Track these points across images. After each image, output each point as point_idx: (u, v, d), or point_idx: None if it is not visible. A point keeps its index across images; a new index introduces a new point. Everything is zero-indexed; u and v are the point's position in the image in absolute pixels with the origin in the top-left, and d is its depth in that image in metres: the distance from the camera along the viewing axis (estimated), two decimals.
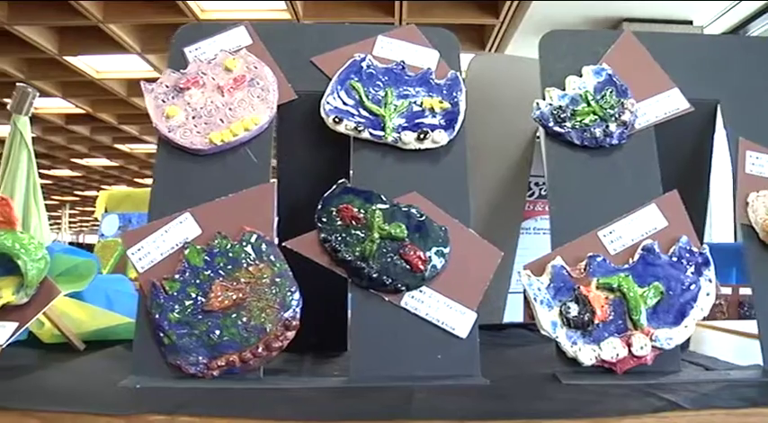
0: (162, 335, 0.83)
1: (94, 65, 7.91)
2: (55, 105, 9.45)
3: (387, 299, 0.88)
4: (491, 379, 0.84)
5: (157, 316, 0.83)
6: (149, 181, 0.95)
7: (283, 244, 0.88)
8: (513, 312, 1.40)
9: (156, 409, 0.69)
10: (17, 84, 3.09)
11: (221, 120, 0.93)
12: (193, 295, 0.84)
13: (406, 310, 0.88)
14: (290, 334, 0.84)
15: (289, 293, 0.85)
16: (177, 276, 0.84)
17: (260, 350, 0.82)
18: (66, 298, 0.95)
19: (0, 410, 0.71)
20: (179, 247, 0.86)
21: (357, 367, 0.86)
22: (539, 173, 1.36)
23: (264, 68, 0.97)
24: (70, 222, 22.77)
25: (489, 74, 1.32)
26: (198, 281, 0.84)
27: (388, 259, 0.88)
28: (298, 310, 0.85)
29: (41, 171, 3.68)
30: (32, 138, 3.72)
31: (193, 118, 0.93)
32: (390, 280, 0.87)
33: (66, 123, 10.61)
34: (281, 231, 0.90)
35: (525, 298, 0.92)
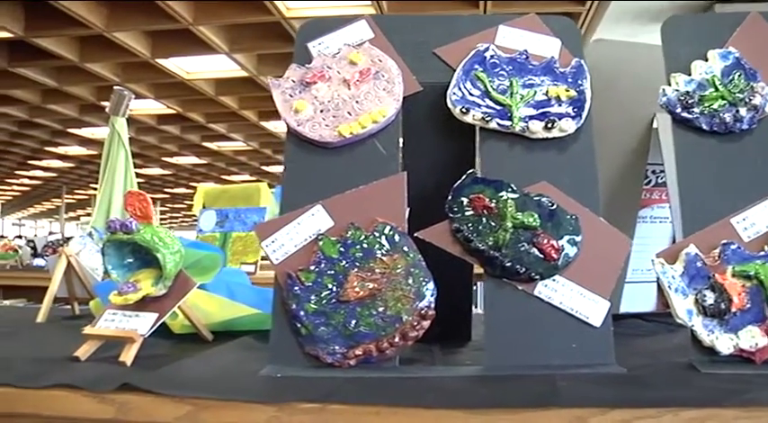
0: (299, 325, 0.84)
1: (184, 66, 8.12)
2: (147, 106, 9.76)
3: (520, 288, 0.88)
4: (626, 367, 0.83)
5: (294, 306, 0.84)
6: (236, 178, 0.97)
7: (415, 235, 0.88)
8: (631, 303, 1.38)
9: (306, 398, 0.70)
10: (114, 87, 3.21)
11: (349, 113, 0.93)
12: (329, 286, 0.85)
13: (539, 298, 0.87)
14: (426, 323, 0.84)
15: (423, 283, 0.85)
16: (312, 267, 0.86)
17: (396, 340, 0.83)
18: (196, 290, 0.97)
19: (154, 396, 0.73)
20: (312, 238, 0.88)
21: (492, 356, 0.86)
22: (656, 161, 1.32)
23: (389, 61, 0.98)
24: (161, 219, 23.44)
25: (605, 60, 1.29)
26: (333, 271, 0.85)
27: (521, 248, 0.87)
28: (432, 299, 0.85)
29: (135, 170, 3.81)
30: (128, 138, 3.87)
31: (321, 111, 0.94)
32: (524, 269, 0.87)
33: (158, 123, 10.95)
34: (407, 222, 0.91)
35: (659, 286, 0.89)
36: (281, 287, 0.86)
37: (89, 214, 24.94)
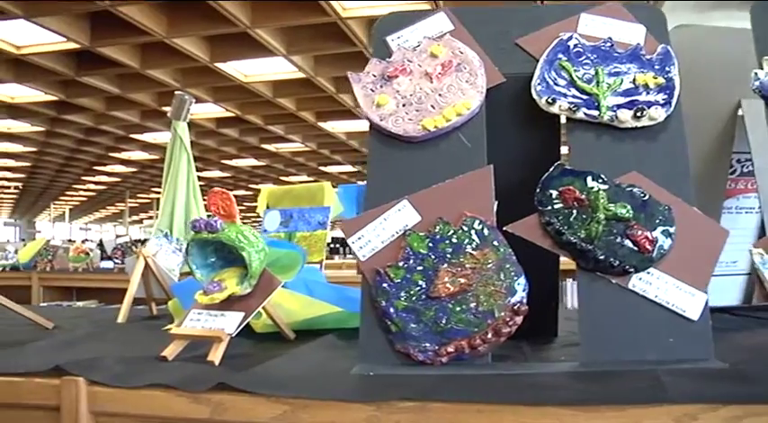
0: (389, 322, 0.83)
1: (242, 69, 8.21)
2: (207, 110, 9.91)
3: (614, 281, 0.85)
4: (726, 363, 0.80)
5: (383, 303, 0.83)
6: (294, 178, 0.97)
7: (503, 228, 0.86)
8: (715, 297, 1.33)
9: (404, 396, 0.69)
10: (175, 92, 3.24)
11: (432, 106, 0.92)
12: (419, 282, 0.83)
13: (633, 292, 0.85)
14: (519, 319, 0.82)
15: (515, 278, 0.83)
16: (401, 263, 0.84)
17: (489, 336, 0.81)
18: (279, 288, 0.97)
19: (250, 396, 0.73)
20: (399, 234, 0.86)
21: (587, 352, 0.83)
22: (741, 149, 1.28)
23: (470, 53, 0.96)
24: None
25: (686, 47, 1.25)
26: (422, 267, 0.84)
27: (615, 240, 0.85)
28: (524, 294, 0.83)
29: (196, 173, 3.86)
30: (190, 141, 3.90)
31: (404, 106, 0.93)
32: (617, 262, 0.84)
33: (217, 127, 11.10)
34: None
35: (758, 277, 0.86)
36: (370, 284, 0.85)
37: (151, 217, 25.45)
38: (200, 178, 3.81)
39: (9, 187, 20.21)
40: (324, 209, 3.65)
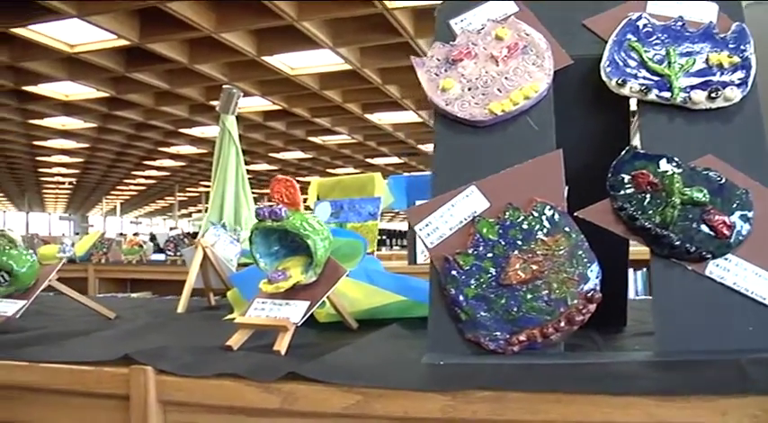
0: (458, 310, 0.81)
1: (289, 62, 8.25)
2: (254, 104, 9.98)
3: (690, 268, 0.82)
4: None
5: (453, 291, 0.81)
6: (341, 171, 0.95)
7: (574, 214, 0.84)
8: None
9: (479, 385, 0.67)
10: (223, 86, 3.26)
11: (499, 90, 0.90)
12: (489, 269, 0.82)
13: (711, 279, 0.81)
14: (592, 307, 0.80)
15: (588, 265, 0.81)
16: (470, 250, 0.82)
17: (562, 324, 0.79)
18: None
19: (322, 386, 0.72)
20: (468, 220, 0.84)
21: (662, 341, 0.80)
22: None
23: (536, 35, 0.93)
24: None
25: (759, 25, 1.21)
26: (492, 254, 0.82)
27: (691, 226, 0.81)
28: (597, 281, 0.81)
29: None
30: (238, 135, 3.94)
31: (469, 90, 0.91)
32: (694, 247, 0.81)
33: (264, 120, 11.18)
34: None
35: None
36: (438, 271, 0.83)
37: (200, 211, 25.78)
38: (247, 171, 3.84)
39: (64, 183, 20.68)
40: (374, 199, 3.64)
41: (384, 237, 8.77)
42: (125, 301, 1.92)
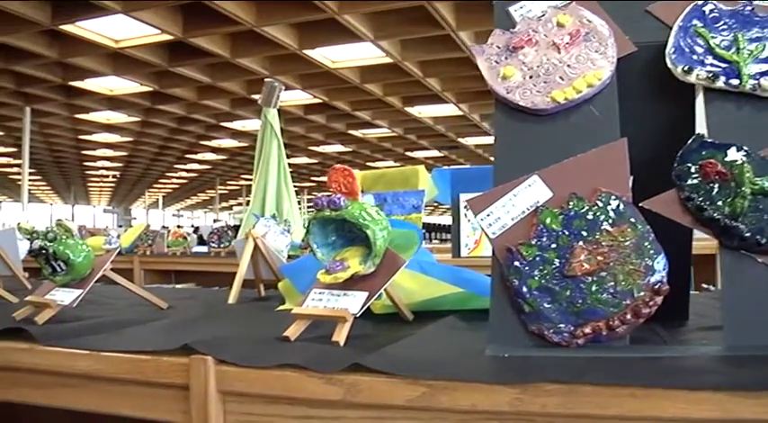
0: (521, 302, 0.79)
1: (330, 56, 8.26)
2: (295, 97, 10.03)
3: (760, 260, 0.79)
4: None
5: (516, 282, 0.80)
6: (381, 164, 0.94)
7: (639, 204, 0.82)
8: None
9: (551, 378, 0.65)
10: (264, 79, 3.27)
11: (561, 77, 0.88)
12: (553, 260, 0.80)
13: None
14: (659, 300, 0.77)
15: (654, 256, 0.79)
16: (534, 241, 0.81)
17: (628, 317, 0.77)
18: None
19: (386, 377, 0.71)
20: (530, 210, 0.83)
21: (731, 335, 0.77)
22: None
23: (598, 21, 0.91)
24: (308, 207, 24.20)
25: None
26: (556, 245, 0.80)
27: (762, 216, 0.79)
28: (664, 273, 0.78)
29: None
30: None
31: (531, 77, 0.89)
32: (765, 239, 0.78)
33: (305, 113, 11.23)
34: None
35: None
36: (501, 262, 0.82)
37: (240, 204, 26.04)
38: (289, 165, 3.85)
39: (108, 176, 21.02)
40: (418, 192, 3.63)
41: (423, 231, 8.77)
42: (174, 292, 1.94)
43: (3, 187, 24.45)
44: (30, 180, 11.14)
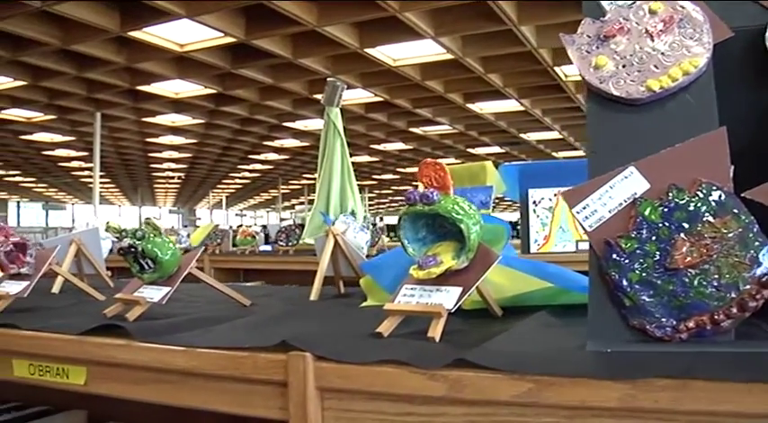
0: (622, 296, 0.78)
1: (391, 53, 8.27)
2: (356, 96, 10.06)
3: None
4: None
5: (616, 276, 0.78)
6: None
7: (742, 194, 0.79)
8: None
9: (662, 374, 0.64)
10: (327, 79, 3.28)
11: (655, 66, 0.86)
12: (653, 252, 0.78)
13: None
14: (767, 293, 0.75)
15: (759, 248, 0.76)
16: (633, 233, 0.79)
17: (734, 311, 0.74)
18: None
19: (491, 373, 0.70)
20: (628, 202, 0.81)
21: None
22: None
23: (691, 7, 0.88)
24: (369, 205, 24.31)
25: None
26: (656, 237, 0.78)
27: None
28: None
29: None
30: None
31: (624, 67, 0.87)
32: None
33: (366, 112, 11.26)
34: None
35: None
36: (599, 256, 0.80)
37: (302, 203, 26.26)
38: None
39: (173, 177, 21.46)
40: (486, 188, 3.61)
41: None
42: (252, 290, 1.96)
43: (75, 190, 25.20)
44: (100, 182, 11.44)
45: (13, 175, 21.16)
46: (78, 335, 1.03)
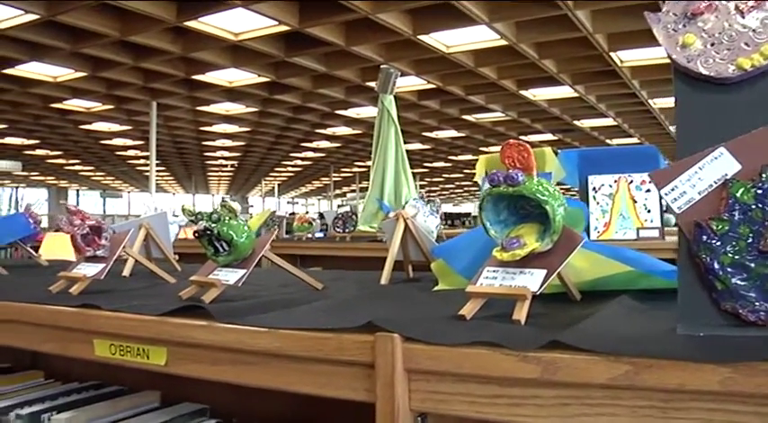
0: (713, 279, 0.76)
1: (444, 40, 8.22)
2: (409, 83, 10.03)
3: None
4: None
5: (707, 259, 0.77)
6: (494, 149, 0.90)
7: None
8: None
9: (759, 358, 0.62)
10: (381, 66, 3.27)
11: (746, 44, 0.83)
12: (746, 235, 0.76)
13: None
14: None
15: None
16: (724, 215, 0.77)
17: None
18: None
19: (586, 355, 0.69)
20: (718, 184, 0.79)
21: None
22: None
23: None
24: (425, 192, 24.29)
25: None
26: (749, 219, 0.77)
27: None
28: None
29: None
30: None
31: (712, 45, 0.85)
32: None
33: (419, 99, 11.23)
34: None
35: None
36: (689, 238, 0.79)
37: (354, 190, 26.35)
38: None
39: (226, 166, 21.74)
40: (545, 175, 3.56)
41: None
42: (319, 274, 1.98)
43: (131, 178, 25.70)
44: (155, 171, 11.66)
45: (73, 164, 21.69)
46: (159, 316, 1.05)
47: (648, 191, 3.11)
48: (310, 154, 19.32)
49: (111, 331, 1.10)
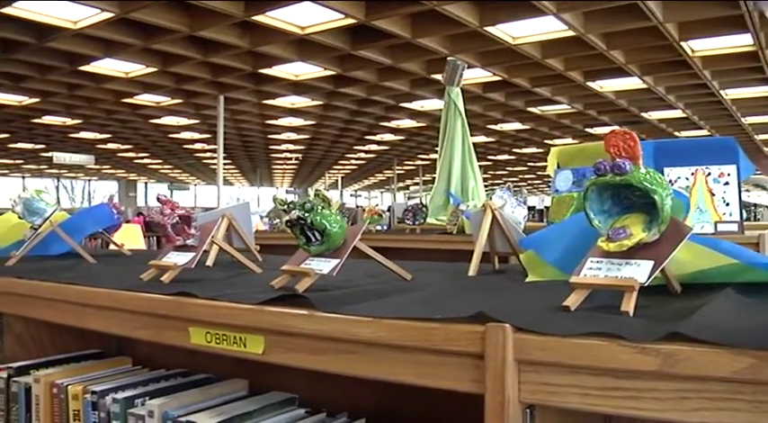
0: None
1: (510, 32, 8.15)
2: (474, 75, 9.99)
3: None
4: None
5: None
6: (558, 141, 0.87)
7: None
8: None
9: None
10: (447, 58, 3.24)
11: None
12: None
13: None
14: None
15: None
16: None
17: None
18: None
19: (708, 348, 0.67)
20: None
21: None
22: None
23: None
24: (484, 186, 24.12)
25: None
26: None
27: None
28: None
29: None
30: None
31: None
32: None
33: (483, 91, 11.16)
34: None
35: None
36: None
37: (417, 183, 26.35)
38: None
39: (291, 159, 21.97)
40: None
41: None
42: (400, 265, 1.98)
43: (197, 170, 26.19)
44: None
45: (142, 158, 22.22)
46: (258, 304, 1.05)
47: (727, 184, 3.02)
48: (374, 147, 19.37)
49: (207, 319, 1.10)
